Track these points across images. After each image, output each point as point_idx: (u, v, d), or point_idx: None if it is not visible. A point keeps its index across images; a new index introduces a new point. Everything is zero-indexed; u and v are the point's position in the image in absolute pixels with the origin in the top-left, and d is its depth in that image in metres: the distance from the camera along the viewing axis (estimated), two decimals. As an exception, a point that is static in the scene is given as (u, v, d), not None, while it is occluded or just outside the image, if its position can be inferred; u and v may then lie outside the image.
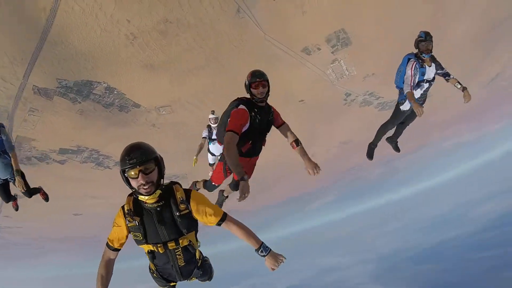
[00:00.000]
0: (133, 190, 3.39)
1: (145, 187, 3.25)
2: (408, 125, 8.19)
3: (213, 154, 12.12)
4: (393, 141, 9.05)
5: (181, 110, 33.81)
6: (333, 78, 34.60)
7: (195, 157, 11.13)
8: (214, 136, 11.11)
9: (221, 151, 10.52)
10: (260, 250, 3.61)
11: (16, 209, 9.40)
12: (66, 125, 31.57)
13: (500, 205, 69.08)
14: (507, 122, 59.69)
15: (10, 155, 6.85)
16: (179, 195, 3.54)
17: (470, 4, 31.10)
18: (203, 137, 11.21)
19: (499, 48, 37.29)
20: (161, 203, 3.49)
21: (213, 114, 10.83)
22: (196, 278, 4.38)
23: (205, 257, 4.62)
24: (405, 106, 7.53)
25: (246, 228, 3.75)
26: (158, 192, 3.38)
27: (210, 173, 13.56)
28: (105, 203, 46.69)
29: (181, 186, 3.67)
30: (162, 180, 3.45)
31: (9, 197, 8.00)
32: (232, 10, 27.10)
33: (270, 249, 3.66)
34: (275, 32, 29.29)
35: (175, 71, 30.11)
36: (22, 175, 7.14)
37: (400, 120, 8.01)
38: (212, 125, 10.94)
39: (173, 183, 3.68)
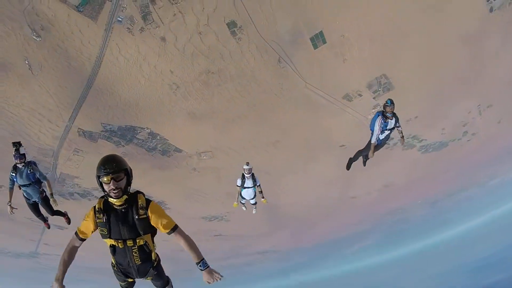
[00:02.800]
0: (105, 193, 4.03)
1: (114, 192, 3.91)
2: (378, 150, 10.70)
3: (243, 198, 12.95)
4: (366, 158, 11.39)
5: (222, 155, 34.09)
6: (375, 123, 33.74)
7: (235, 203, 13.17)
8: (246, 185, 12.04)
9: (252, 196, 12.67)
10: (199, 264, 4.27)
11: (48, 228, 11.31)
12: (109, 166, 32.36)
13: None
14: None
15: (46, 183, 8.96)
16: (140, 202, 4.19)
17: (508, 44, 30.17)
18: (237, 186, 12.20)
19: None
20: (125, 206, 4.15)
21: (247, 165, 11.69)
22: (152, 279, 4.99)
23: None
24: (379, 141, 10.24)
25: (192, 242, 4.38)
26: (124, 197, 4.05)
27: (243, 208, 14.68)
28: (144, 240, 48.32)
29: (144, 196, 4.29)
30: (129, 187, 4.13)
31: (40, 215, 10.02)
32: (273, 60, 27.41)
33: (208, 266, 4.29)
34: (316, 80, 29.28)
35: (217, 119, 30.60)
36: (47, 200, 9.55)
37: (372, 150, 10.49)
38: (246, 175, 11.81)
39: (138, 192, 4.31)
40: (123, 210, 4.17)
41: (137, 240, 4.29)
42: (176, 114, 29.28)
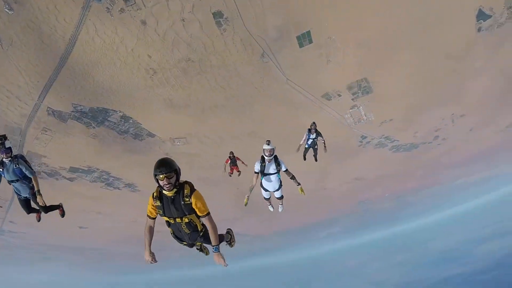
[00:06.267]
0: (160, 187, 5.06)
1: (167, 186, 4.94)
2: (314, 148, 15.08)
3: (266, 190, 10.18)
4: (315, 157, 15.91)
5: (197, 143, 33.85)
6: (351, 122, 34.50)
7: (247, 197, 9.82)
8: (267, 171, 9.33)
9: (276, 187, 9.88)
10: (214, 248, 5.57)
11: (38, 220, 10.74)
12: (78, 147, 31.57)
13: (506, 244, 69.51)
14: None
15: (32, 179, 8.58)
16: (186, 191, 5.24)
17: (491, 62, 30.99)
18: (255, 172, 9.27)
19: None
20: (175, 194, 5.22)
21: (268, 145, 8.98)
22: (201, 242, 6.34)
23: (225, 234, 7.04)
24: (307, 145, 14.73)
25: (215, 229, 5.58)
26: (175, 189, 5.10)
27: (270, 208, 11.59)
28: (111, 219, 47.95)
29: (190, 185, 5.33)
30: (177, 182, 5.12)
31: (30, 210, 9.64)
32: (256, 54, 26.94)
33: (219, 251, 5.61)
34: (297, 78, 29.15)
35: (194, 107, 30.09)
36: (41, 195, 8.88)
37: (308, 150, 15.18)
38: (266, 157, 9.08)
39: (186, 182, 5.36)
40: (172, 197, 5.27)
41: (184, 218, 5.51)
42: (151, 99, 28.51)
